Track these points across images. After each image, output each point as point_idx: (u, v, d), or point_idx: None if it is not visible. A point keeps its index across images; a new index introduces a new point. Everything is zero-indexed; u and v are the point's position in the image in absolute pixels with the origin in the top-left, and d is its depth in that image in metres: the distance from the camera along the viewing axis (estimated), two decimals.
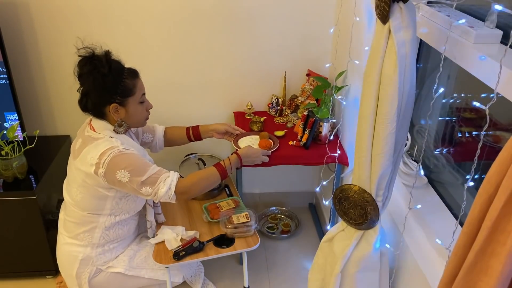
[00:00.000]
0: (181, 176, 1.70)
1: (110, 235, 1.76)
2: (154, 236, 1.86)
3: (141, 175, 1.58)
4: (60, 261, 1.81)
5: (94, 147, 1.59)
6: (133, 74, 1.66)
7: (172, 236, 1.82)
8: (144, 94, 1.71)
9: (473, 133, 1.37)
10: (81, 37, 1.64)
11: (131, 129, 1.80)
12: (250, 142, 2.02)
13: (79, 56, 1.61)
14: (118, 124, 1.66)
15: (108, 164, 1.55)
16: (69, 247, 1.76)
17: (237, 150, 1.90)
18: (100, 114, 1.65)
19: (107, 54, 1.62)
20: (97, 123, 1.66)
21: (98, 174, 1.58)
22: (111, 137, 1.63)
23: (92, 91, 1.60)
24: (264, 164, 1.98)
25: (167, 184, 1.62)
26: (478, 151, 1.00)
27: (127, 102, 1.64)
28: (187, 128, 2.06)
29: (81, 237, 1.74)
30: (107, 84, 1.58)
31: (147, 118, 1.77)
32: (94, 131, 1.65)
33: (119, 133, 1.67)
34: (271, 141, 2.01)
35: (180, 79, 2.31)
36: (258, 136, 2.05)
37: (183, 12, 2.14)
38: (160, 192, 1.61)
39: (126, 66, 1.67)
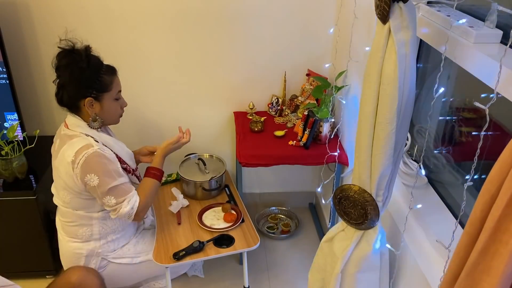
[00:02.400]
0: None
1: (109, 225, 1.76)
2: (150, 222, 1.92)
3: (109, 183, 1.60)
4: (65, 261, 1.81)
5: (70, 145, 1.60)
6: (111, 70, 1.67)
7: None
8: (120, 91, 1.72)
9: (473, 133, 1.37)
10: (67, 29, 1.67)
11: (108, 126, 1.81)
12: (214, 216, 1.99)
13: (58, 47, 1.61)
14: (93, 119, 1.66)
15: (82, 166, 1.57)
16: (71, 246, 1.76)
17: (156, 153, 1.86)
18: (74, 108, 1.65)
19: (87, 49, 1.63)
20: (71, 119, 1.67)
21: (74, 173, 1.59)
22: (87, 135, 1.64)
23: (69, 84, 1.61)
24: (264, 164, 1.99)
25: (131, 203, 1.65)
26: (478, 151, 1.00)
27: (103, 97, 1.64)
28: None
29: (81, 235, 1.74)
30: (84, 78, 1.59)
31: (121, 116, 1.77)
32: (69, 128, 1.66)
33: (93, 128, 1.67)
34: (234, 213, 1.99)
35: (180, 79, 2.31)
36: (220, 208, 2.03)
37: (183, 12, 2.14)
38: (122, 210, 1.63)
39: (107, 63, 1.69)
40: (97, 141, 1.64)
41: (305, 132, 2.02)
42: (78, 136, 1.63)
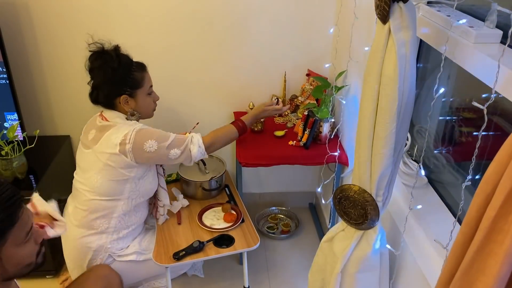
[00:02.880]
0: None
1: (126, 220, 1.79)
2: (165, 217, 1.96)
3: (166, 140, 1.70)
4: (69, 255, 1.81)
5: (117, 129, 1.68)
6: (141, 67, 1.77)
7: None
8: (151, 86, 1.82)
9: (473, 133, 1.37)
10: (90, 33, 1.76)
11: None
12: (214, 216, 2.00)
13: (90, 51, 1.72)
14: (131, 114, 1.76)
15: (134, 139, 1.65)
16: (81, 240, 1.76)
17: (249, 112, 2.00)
18: (110, 105, 1.75)
19: (116, 48, 1.73)
20: (109, 113, 1.75)
21: (125, 151, 1.65)
22: (128, 120, 1.75)
23: (103, 84, 1.70)
24: (264, 164, 1.98)
25: (195, 143, 1.76)
26: (476, 150, 1.00)
27: (136, 93, 1.74)
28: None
29: (97, 224, 1.75)
30: (117, 77, 1.69)
31: (154, 109, 1.87)
32: (107, 120, 1.73)
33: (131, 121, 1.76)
34: (234, 213, 2.00)
35: (180, 79, 2.31)
36: (220, 208, 2.04)
37: (183, 12, 2.14)
38: (193, 151, 1.75)
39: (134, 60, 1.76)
40: None
41: (305, 132, 2.02)
42: (120, 123, 1.72)
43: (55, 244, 2.01)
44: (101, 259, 1.78)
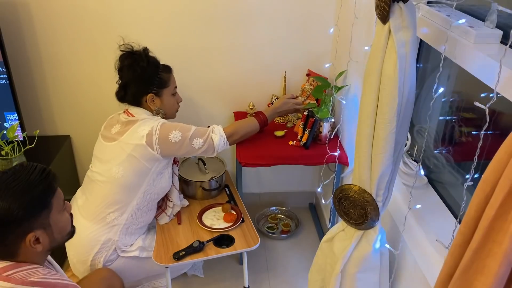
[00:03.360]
0: None
1: (137, 217, 1.83)
2: (170, 218, 1.99)
3: (189, 131, 1.79)
4: (76, 248, 1.80)
5: (143, 122, 1.76)
6: (167, 69, 1.88)
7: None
8: (176, 87, 1.92)
9: (473, 132, 1.37)
10: (122, 36, 1.86)
11: None
12: (214, 216, 2.00)
13: (121, 51, 1.83)
14: (156, 112, 1.85)
15: (160, 130, 1.74)
16: (91, 233, 1.77)
17: (270, 104, 2.11)
18: (137, 103, 1.84)
19: (145, 50, 1.84)
20: (136, 109, 1.83)
21: (152, 143, 1.72)
22: (153, 116, 1.83)
23: (132, 82, 1.80)
24: (264, 164, 1.98)
25: (216, 133, 1.83)
26: (478, 150, 1.00)
27: (162, 93, 1.85)
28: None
29: (109, 217, 1.77)
30: (145, 75, 1.79)
31: (177, 111, 1.97)
32: (134, 116, 1.80)
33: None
34: (234, 213, 2.00)
35: (180, 79, 2.30)
36: (220, 208, 2.04)
37: (184, 12, 2.14)
38: (215, 140, 1.81)
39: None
40: None
41: (305, 132, 2.02)
42: (146, 118, 1.79)
43: None
44: (107, 251, 1.78)
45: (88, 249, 1.77)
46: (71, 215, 1.32)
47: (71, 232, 1.32)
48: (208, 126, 1.88)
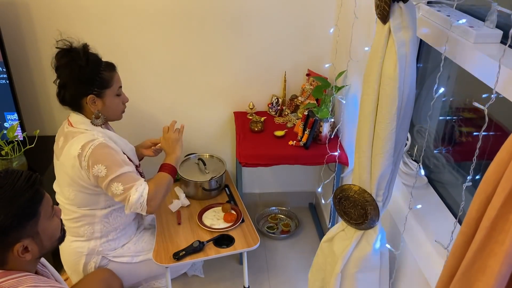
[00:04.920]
0: None
1: (111, 223, 1.76)
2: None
3: (116, 171, 1.60)
4: (65, 260, 1.82)
5: (76, 140, 1.62)
6: (110, 67, 1.69)
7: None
8: (120, 87, 1.73)
9: (473, 133, 1.37)
10: (60, 30, 1.67)
11: (109, 124, 1.82)
12: (214, 216, 2.00)
13: (56, 48, 1.63)
14: (95, 116, 1.67)
15: (89, 157, 1.58)
16: (72, 245, 1.76)
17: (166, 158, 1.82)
18: (77, 106, 1.67)
19: (85, 46, 1.64)
20: (75, 117, 1.68)
21: (81, 167, 1.59)
22: (92, 130, 1.65)
23: (70, 82, 1.62)
24: (264, 164, 1.98)
25: (139, 190, 1.62)
26: (477, 151, 1.00)
27: (104, 94, 1.66)
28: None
29: (82, 232, 1.74)
30: (84, 75, 1.61)
31: (123, 111, 1.78)
32: (73, 126, 1.67)
33: (96, 125, 1.68)
34: (234, 213, 2.00)
35: (180, 79, 2.31)
36: (220, 208, 2.04)
37: (184, 12, 2.14)
38: (132, 198, 1.60)
39: (105, 60, 1.70)
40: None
41: (305, 132, 2.02)
42: (83, 132, 1.64)
43: None
44: (95, 261, 1.77)
45: (76, 261, 1.77)
46: (61, 220, 1.26)
47: (62, 237, 1.25)
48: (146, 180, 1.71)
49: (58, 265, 1.92)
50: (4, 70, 1.98)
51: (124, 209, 1.66)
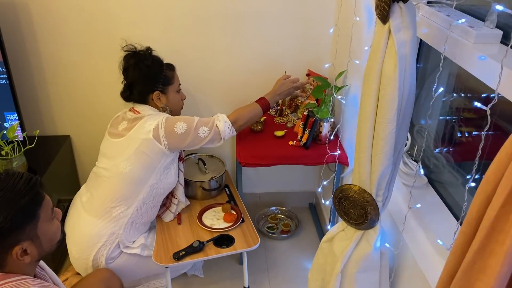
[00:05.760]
0: None
1: (142, 212, 1.84)
2: (175, 215, 2.00)
3: (194, 121, 1.81)
4: (79, 244, 1.81)
5: (150, 118, 1.79)
6: (171, 66, 1.94)
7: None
8: (180, 84, 1.97)
9: (473, 133, 1.37)
10: (123, 38, 1.91)
11: None
12: (214, 216, 2.00)
13: (125, 51, 1.87)
14: (163, 109, 1.89)
15: (165, 123, 1.76)
16: (94, 228, 1.78)
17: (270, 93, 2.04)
18: (143, 101, 1.88)
19: (149, 49, 1.89)
20: (142, 107, 1.87)
21: (159, 136, 1.75)
22: (160, 113, 1.85)
23: (138, 80, 1.84)
24: (264, 164, 1.98)
25: (221, 120, 1.85)
26: (479, 151, 1.00)
27: (168, 90, 1.90)
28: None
29: (115, 211, 1.78)
30: (151, 73, 1.84)
31: (182, 108, 2.01)
32: (140, 113, 1.84)
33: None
34: (234, 213, 2.00)
35: (181, 78, 2.30)
36: (220, 208, 2.04)
37: (184, 12, 2.14)
38: (220, 127, 1.82)
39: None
40: None
41: (305, 132, 2.02)
42: (154, 114, 1.82)
43: None
44: (109, 247, 1.78)
45: (92, 245, 1.78)
46: (61, 222, 1.26)
47: (62, 240, 1.26)
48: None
49: (58, 265, 1.93)
50: (4, 70, 1.98)
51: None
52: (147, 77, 1.84)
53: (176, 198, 1.96)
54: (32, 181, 1.12)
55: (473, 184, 1.07)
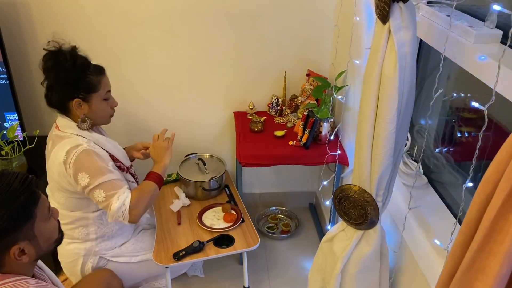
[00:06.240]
0: None
1: (104, 223, 1.75)
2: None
3: (98, 178, 1.58)
4: (63, 262, 1.82)
5: (62, 146, 1.60)
6: (99, 70, 1.66)
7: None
8: (109, 91, 1.70)
9: (472, 133, 1.37)
10: (57, 31, 1.66)
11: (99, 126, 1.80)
12: (214, 216, 2.00)
13: (44, 49, 1.61)
14: (82, 120, 1.65)
15: (73, 165, 1.57)
16: (68, 247, 1.76)
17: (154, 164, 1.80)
18: (64, 109, 1.65)
19: (73, 49, 1.62)
20: (61, 121, 1.66)
21: (67, 174, 1.58)
22: (78, 135, 1.63)
23: (55, 85, 1.61)
24: (264, 164, 1.98)
25: (121, 199, 1.60)
26: (477, 151, 1.00)
27: (91, 98, 1.63)
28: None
29: (77, 235, 1.74)
30: (69, 79, 1.58)
31: (112, 116, 1.75)
32: (60, 130, 1.65)
33: (82, 129, 1.66)
34: (234, 213, 2.00)
35: (181, 79, 2.31)
36: (220, 208, 2.04)
37: (184, 13, 2.14)
38: (113, 206, 1.58)
39: (106, 62, 1.68)
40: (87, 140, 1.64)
41: (305, 132, 2.02)
42: (69, 137, 1.62)
43: None
44: (92, 262, 1.76)
45: (73, 263, 1.76)
46: (58, 221, 1.25)
47: (59, 239, 1.24)
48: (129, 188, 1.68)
49: (58, 266, 1.93)
50: (4, 70, 1.98)
51: (108, 217, 1.63)
52: (65, 82, 1.58)
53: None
54: (28, 181, 1.11)
55: (470, 184, 1.07)
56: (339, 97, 2.04)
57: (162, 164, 1.76)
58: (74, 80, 1.59)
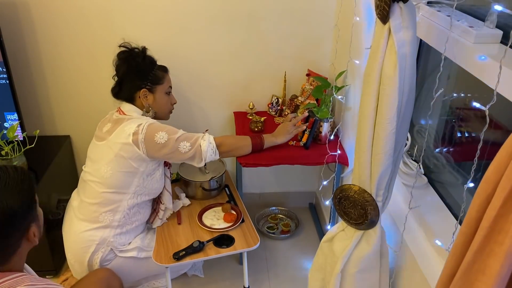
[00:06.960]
0: None
1: (130, 216, 1.82)
2: (163, 221, 1.96)
3: (176, 133, 1.76)
4: (73, 248, 1.82)
5: (131, 121, 1.75)
6: (163, 68, 1.90)
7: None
8: (171, 87, 1.93)
9: (473, 133, 1.37)
10: (122, 37, 1.91)
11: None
12: (214, 216, 2.00)
13: (119, 46, 1.85)
14: (146, 110, 1.84)
15: (146, 129, 1.72)
16: (85, 233, 1.77)
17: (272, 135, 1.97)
18: (130, 99, 1.84)
19: (144, 48, 1.88)
20: (128, 106, 1.83)
21: (138, 142, 1.71)
22: (143, 117, 1.80)
23: (126, 76, 1.82)
24: (264, 164, 1.98)
25: (205, 139, 1.79)
26: (478, 152, 1.00)
27: (156, 89, 1.85)
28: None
29: (102, 218, 1.77)
30: (140, 70, 1.81)
31: (171, 112, 1.96)
32: (125, 114, 1.81)
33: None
34: (234, 213, 2.00)
35: (180, 79, 2.31)
36: (220, 208, 2.04)
37: (184, 13, 2.14)
38: (203, 146, 1.77)
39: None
40: None
41: (305, 132, 2.02)
42: (137, 117, 1.79)
43: (55, 244, 2.01)
44: (103, 252, 1.78)
45: (84, 249, 1.78)
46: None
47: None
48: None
49: (58, 265, 1.93)
50: (4, 70, 1.98)
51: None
52: (136, 72, 1.81)
53: (163, 204, 1.92)
54: (19, 168, 1.20)
55: (471, 185, 1.07)
56: (339, 97, 2.04)
57: (274, 138, 1.95)
58: (143, 71, 1.82)
